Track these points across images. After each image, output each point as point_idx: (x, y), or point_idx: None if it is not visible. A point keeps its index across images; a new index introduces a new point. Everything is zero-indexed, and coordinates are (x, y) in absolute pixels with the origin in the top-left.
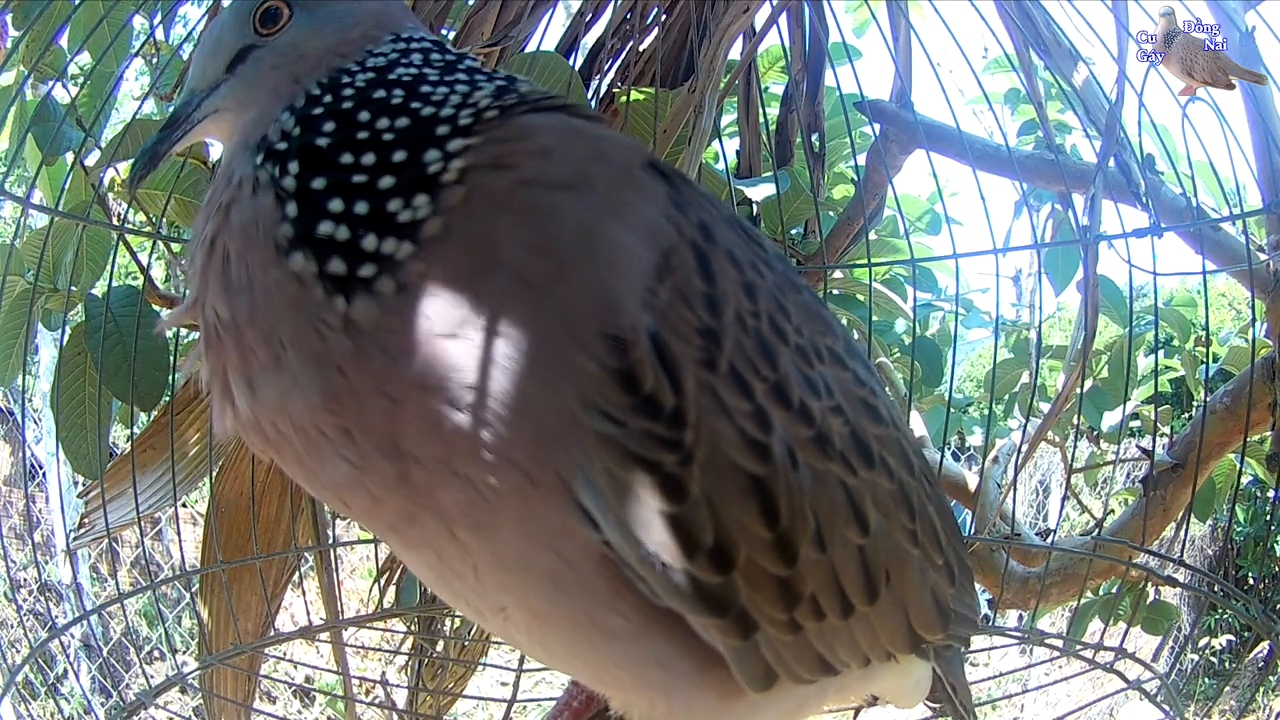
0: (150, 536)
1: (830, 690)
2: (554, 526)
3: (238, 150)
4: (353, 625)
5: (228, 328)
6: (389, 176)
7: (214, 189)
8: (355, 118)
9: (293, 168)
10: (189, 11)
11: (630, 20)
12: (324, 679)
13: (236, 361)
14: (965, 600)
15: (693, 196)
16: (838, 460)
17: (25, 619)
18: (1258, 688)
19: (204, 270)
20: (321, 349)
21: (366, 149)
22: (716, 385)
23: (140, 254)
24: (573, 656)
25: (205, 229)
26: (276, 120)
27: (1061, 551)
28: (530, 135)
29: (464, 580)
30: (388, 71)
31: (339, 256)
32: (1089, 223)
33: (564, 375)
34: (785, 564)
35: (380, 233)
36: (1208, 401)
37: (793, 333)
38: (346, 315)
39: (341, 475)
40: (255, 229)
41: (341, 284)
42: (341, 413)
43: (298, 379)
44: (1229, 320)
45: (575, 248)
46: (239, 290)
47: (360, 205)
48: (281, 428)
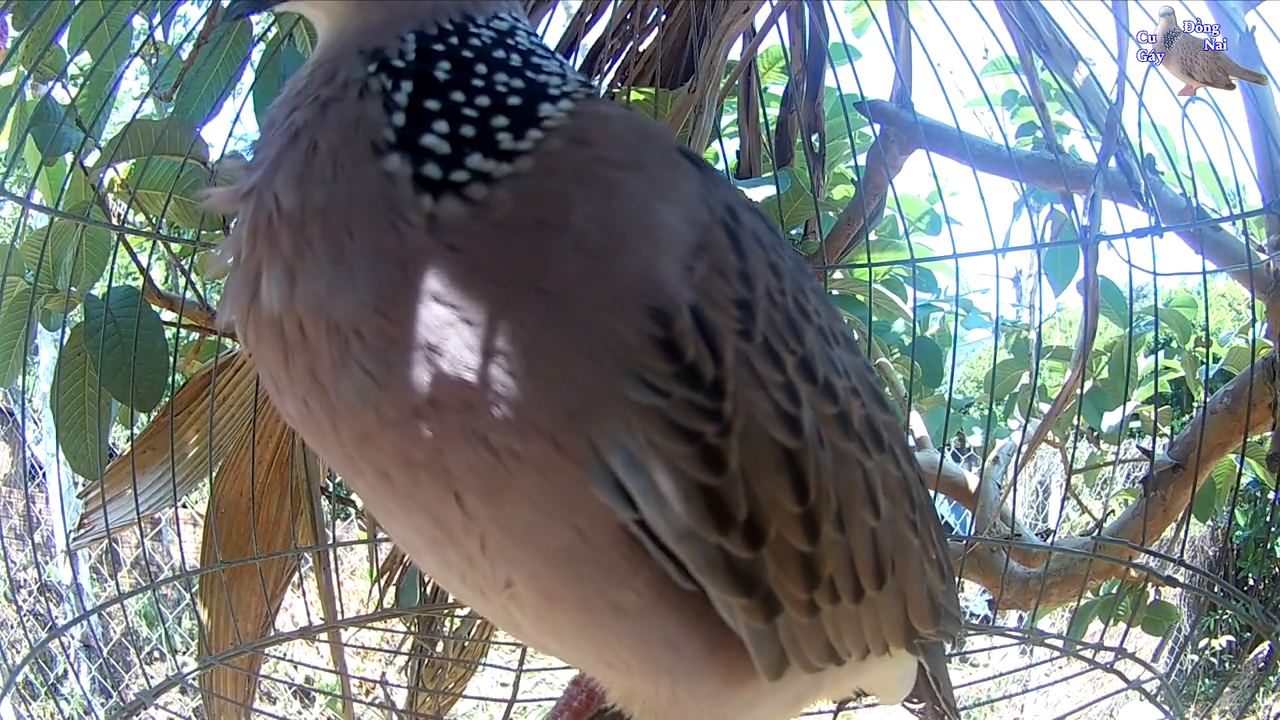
0: (150, 537)
1: (825, 683)
2: (574, 498)
3: (346, 52)
4: (352, 625)
5: (288, 216)
6: (501, 116)
7: (307, 81)
8: (474, 67)
9: (406, 86)
10: (189, 11)
11: (630, 20)
12: (324, 679)
13: (287, 249)
14: (952, 599)
15: (719, 180)
16: (856, 441)
17: (25, 619)
18: (1258, 688)
19: (280, 156)
20: (393, 244)
21: (482, 93)
22: (752, 356)
23: (140, 254)
24: (580, 637)
25: (292, 117)
26: (400, 38)
27: (1061, 552)
28: (605, 120)
29: (462, 551)
30: (507, 37)
31: (436, 163)
32: (1089, 223)
33: (607, 343)
34: (810, 541)
35: (484, 153)
36: (1208, 402)
37: (814, 312)
38: (431, 212)
39: (355, 388)
40: (356, 129)
41: (432, 186)
42: (390, 313)
43: (355, 274)
44: (1229, 320)
45: (629, 222)
46: (320, 182)
47: (468, 128)
48: (309, 329)
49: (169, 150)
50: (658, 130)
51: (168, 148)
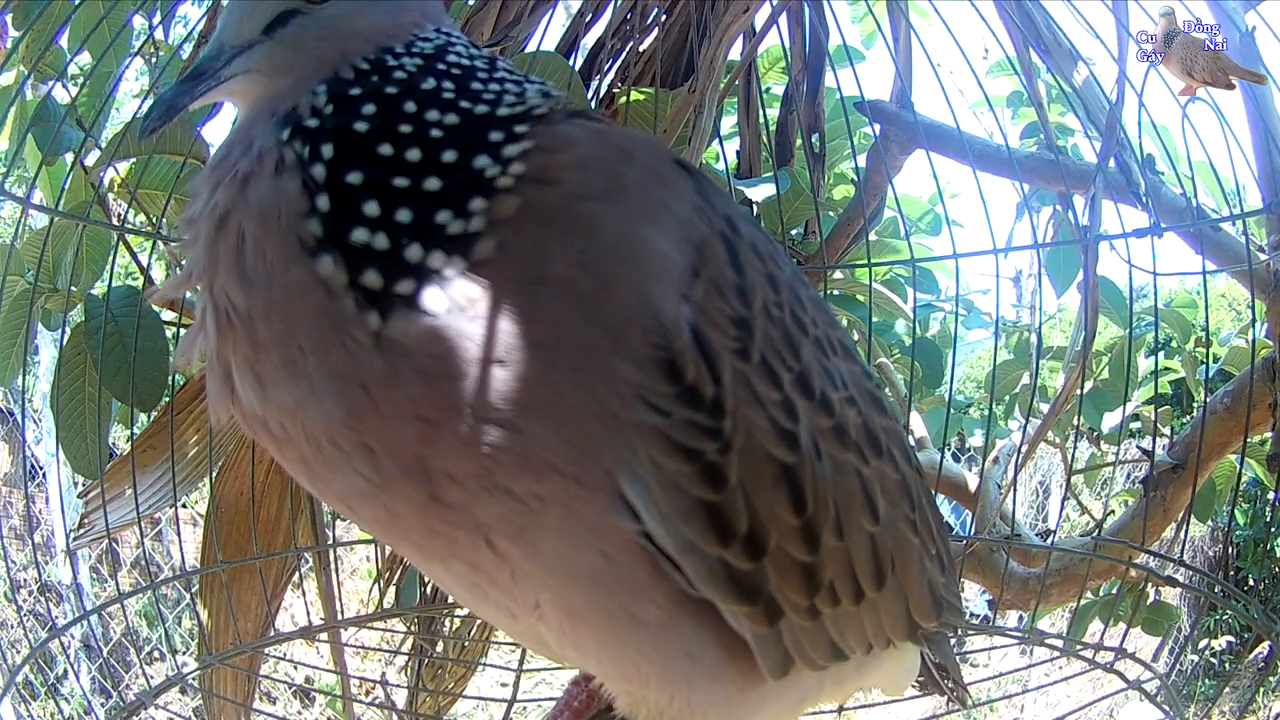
0: (150, 537)
1: (829, 681)
2: (597, 524)
3: (261, 116)
4: (353, 625)
5: (241, 318)
6: (435, 179)
7: (228, 150)
8: (400, 106)
9: (325, 152)
10: (188, 11)
11: (630, 20)
12: (324, 679)
13: (247, 353)
14: (952, 590)
15: (715, 190)
16: (853, 450)
17: (25, 619)
18: (1258, 688)
19: (212, 246)
20: (347, 365)
21: (411, 143)
22: (750, 375)
23: (140, 254)
24: (602, 652)
25: (216, 198)
26: (312, 92)
27: (1062, 552)
28: (569, 146)
29: (497, 585)
30: (436, 60)
31: (375, 269)
32: (1089, 223)
33: (609, 380)
34: (810, 551)
35: (426, 244)
36: (1208, 402)
37: (810, 324)
38: (380, 333)
39: (356, 489)
40: (277, 217)
41: (375, 298)
42: (364, 431)
43: (316, 390)
44: (1229, 321)
45: (616, 256)
46: (255, 281)
47: (403, 212)
48: (291, 431)
49: (169, 150)
50: (642, 144)
51: (168, 148)
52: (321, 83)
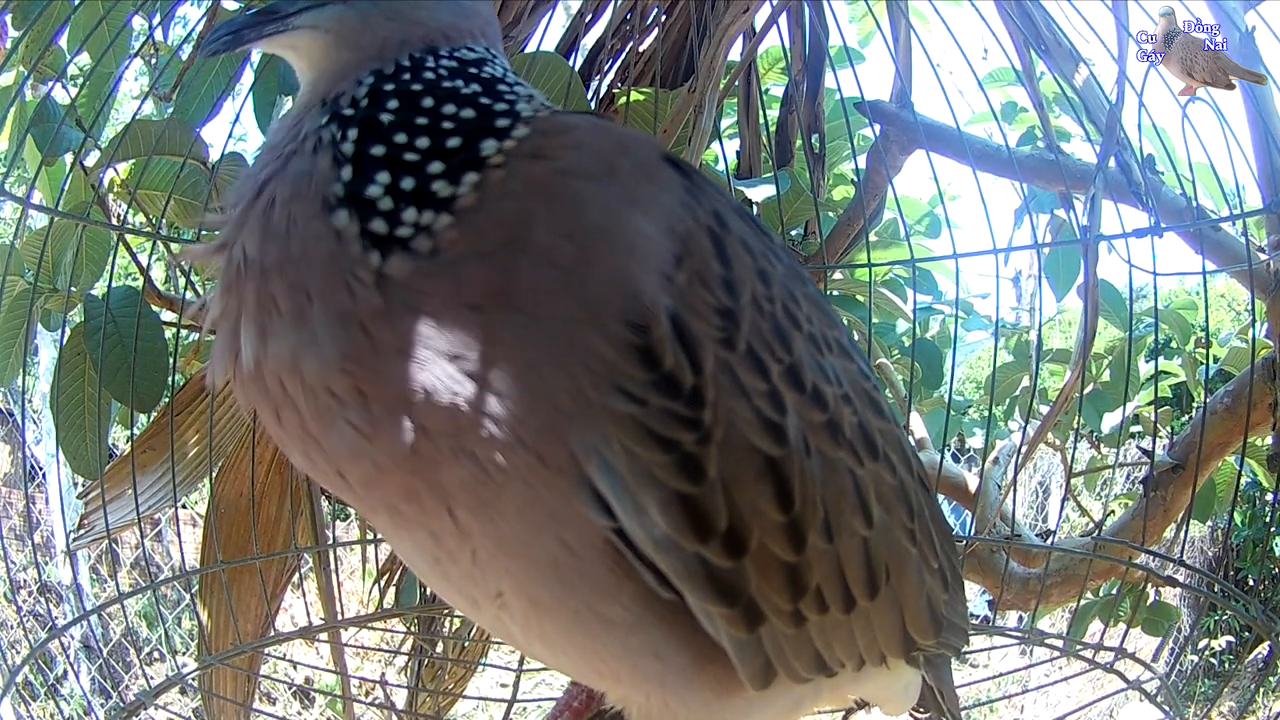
0: (150, 537)
1: (824, 691)
2: (560, 510)
3: (312, 103)
4: (352, 625)
5: (253, 270)
6: (439, 162)
7: (280, 135)
8: (420, 103)
9: (352, 134)
10: (188, 12)
11: (630, 20)
12: (324, 679)
13: (254, 306)
14: (957, 609)
15: (707, 187)
16: (846, 449)
17: (25, 620)
18: (1258, 688)
19: (246, 209)
20: (349, 305)
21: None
22: (734, 365)
23: (140, 255)
24: (569, 646)
25: (262, 171)
26: (359, 82)
27: (1062, 552)
28: (567, 130)
29: (458, 564)
30: (470, 66)
31: (381, 218)
32: (1089, 223)
33: (584, 356)
34: (795, 551)
35: (420, 206)
36: (1208, 402)
37: (804, 320)
38: (380, 270)
39: (346, 443)
40: (307, 182)
41: (379, 242)
42: (358, 373)
43: (317, 335)
44: (1229, 321)
45: (599, 233)
46: (275, 235)
47: (407, 180)
48: (288, 385)
49: (169, 150)
50: (639, 141)
51: (168, 148)
52: (370, 74)
